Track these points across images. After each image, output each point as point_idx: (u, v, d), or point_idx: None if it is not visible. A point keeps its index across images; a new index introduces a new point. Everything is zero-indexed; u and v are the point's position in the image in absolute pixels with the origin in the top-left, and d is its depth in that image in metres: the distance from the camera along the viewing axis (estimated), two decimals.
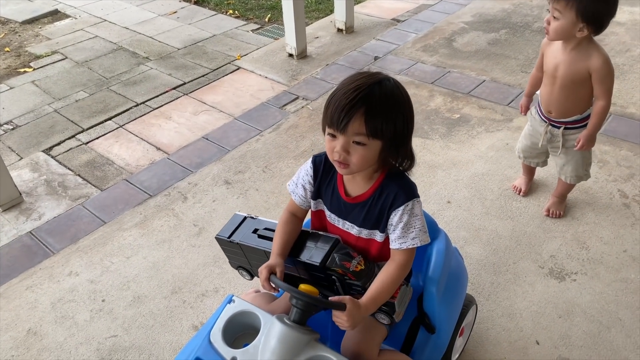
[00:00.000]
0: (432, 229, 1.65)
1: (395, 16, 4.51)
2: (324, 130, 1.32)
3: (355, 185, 1.38)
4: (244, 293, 1.65)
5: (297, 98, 3.43)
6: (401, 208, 1.32)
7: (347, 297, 1.28)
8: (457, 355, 1.78)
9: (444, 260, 1.58)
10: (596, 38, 1.93)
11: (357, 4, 4.76)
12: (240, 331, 1.45)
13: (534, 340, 1.86)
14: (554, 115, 2.12)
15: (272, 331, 1.34)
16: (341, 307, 1.28)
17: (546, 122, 2.17)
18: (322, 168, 1.43)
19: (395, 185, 1.34)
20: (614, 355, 1.80)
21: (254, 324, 1.41)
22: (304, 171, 1.46)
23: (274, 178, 2.72)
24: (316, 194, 1.45)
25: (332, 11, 4.45)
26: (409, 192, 1.34)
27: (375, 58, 3.85)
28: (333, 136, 1.25)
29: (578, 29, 1.85)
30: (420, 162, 2.78)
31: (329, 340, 1.60)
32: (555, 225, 2.34)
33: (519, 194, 2.50)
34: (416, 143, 2.93)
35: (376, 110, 1.20)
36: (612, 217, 2.35)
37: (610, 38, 3.84)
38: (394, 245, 1.35)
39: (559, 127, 2.13)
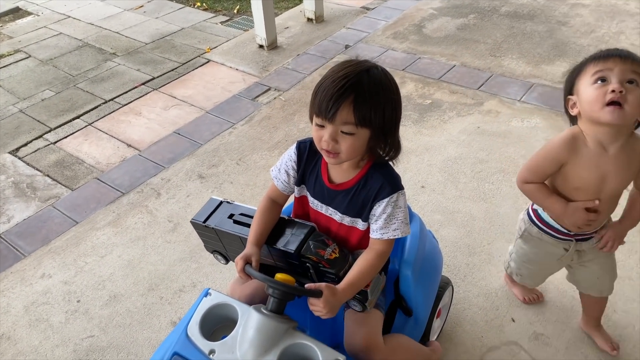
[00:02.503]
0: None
1: (365, 4, 4.51)
2: (311, 119, 1.31)
3: (340, 173, 1.38)
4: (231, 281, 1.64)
5: (269, 89, 3.41)
6: (386, 200, 1.32)
7: (324, 284, 1.28)
8: (435, 337, 1.80)
9: (419, 244, 1.60)
10: (562, 22, 1.87)
11: None
12: (219, 323, 1.45)
13: (509, 318, 1.90)
14: (588, 229, 1.52)
15: (250, 322, 1.33)
16: (317, 294, 1.29)
17: (571, 240, 1.57)
18: (307, 154, 1.42)
19: (380, 176, 1.33)
20: None
21: (232, 315, 1.40)
22: (288, 156, 1.44)
23: (248, 170, 2.71)
24: (300, 180, 1.45)
25: (301, 1, 4.42)
26: (395, 184, 1.34)
27: (346, 47, 3.84)
28: (321, 126, 1.24)
29: None
30: None
31: (308, 328, 1.60)
32: (528, 204, 2.37)
33: (538, 300, 1.94)
34: None
35: (364, 98, 1.19)
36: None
37: (575, 20, 3.91)
38: (374, 235, 1.35)
39: (588, 239, 1.56)
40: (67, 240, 2.38)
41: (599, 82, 1.31)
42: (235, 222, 1.51)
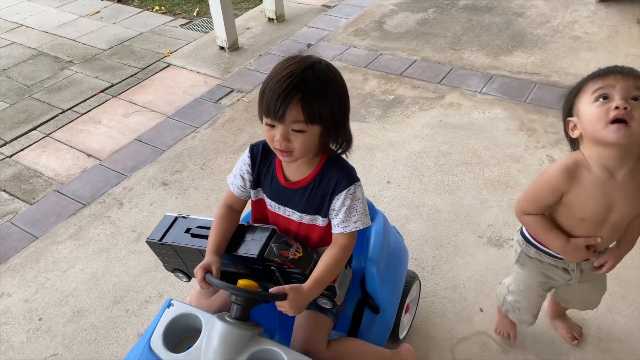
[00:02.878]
0: (370, 210, 1.65)
1: (325, 2, 4.50)
2: (261, 120, 1.30)
3: (295, 171, 1.37)
4: (192, 291, 1.61)
5: (231, 91, 3.37)
6: (343, 193, 1.32)
7: (287, 286, 1.28)
8: (405, 332, 1.81)
9: (383, 240, 1.60)
10: (519, 13, 1.81)
11: None
12: (183, 334, 1.42)
13: (477, 309, 1.92)
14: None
15: (214, 331, 1.31)
16: (282, 297, 1.28)
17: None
18: (260, 156, 1.42)
19: (336, 170, 1.34)
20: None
21: (196, 325, 1.37)
22: (242, 161, 1.44)
23: (213, 175, 2.67)
24: (255, 183, 1.44)
25: (261, 1, 4.39)
26: (351, 177, 1.35)
27: (308, 45, 3.83)
28: (272, 126, 1.24)
29: None
30: (359, 145, 2.80)
31: (277, 332, 1.59)
32: (491, 194, 2.41)
33: (508, 339, 1.80)
34: (354, 127, 2.89)
35: (312, 95, 1.19)
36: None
37: (531, 11, 3.99)
38: (336, 229, 1.36)
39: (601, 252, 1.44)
40: (26, 256, 2.30)
41: (601, 99, 1.20)
42: (193, 235, 1.47)
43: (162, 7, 4.77)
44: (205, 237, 1.43)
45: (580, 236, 1.35)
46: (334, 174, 1.33)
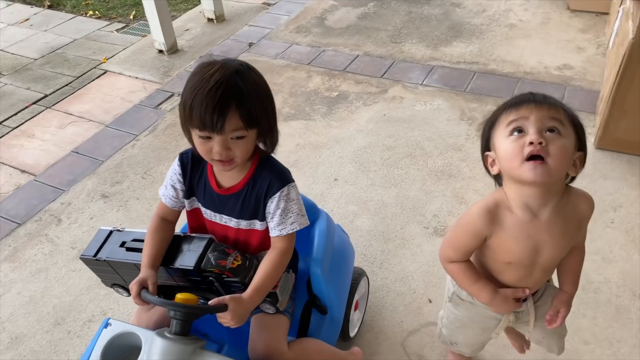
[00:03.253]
0: (312, 210, 1.65)
1: (265, 0, 4.45)
2: (187, 134, 1.26)
3: (228, 177, 1.35)
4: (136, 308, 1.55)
5: (172, 95, 3.28)
6: (277, 195, 1.31)
7: (227, 296, 1.24)
8: (356, 330, 1.81)
9: (326, 240, 1.59)
10: (456, 3, 1.73)
11: None
12: (123, 354, 1.36)
13: (426, 299, 1.95)
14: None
15: (153, 348, 1.26)
16: (222, 309, 1.24)
17: None
18: (190, 164, 1.37)
19: (268, 172, 1.32)
20: None
21: (136, 343, 1.32)
22: (172, 171, 1.40)
23: (155, 183, 2.59)
24: (189, 192, 1.40)
25: (200, 1, 4.29)
26: (283, 178, 1.33)
27: (250, 44, 3.77)
28: (207, 138, 1.19)
29: (572, 162, 1.12)
30: (305, 144, 2.78)
31: (227, 342, 1.55)
32: (435, 185, 2.45)
33: None
34: (299, 125, 2.93)
35: (246, 100, 1.18)
36: (484, 169, 2.50)
37: (468, 1, 4.07)
38: (273, 232, 1.34)
39: (525, 300, 1.33)
40: None
41: (515, 133, 1.09)
42: (128, 249, 1.42)
43: (97, 12, 4.59)
44: (141, 250, 1.38)
45: (508, 282, 1.27)
46: (266, 177, 1.31)
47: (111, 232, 1.48)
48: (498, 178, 1.22)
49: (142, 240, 1.41)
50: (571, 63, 3.24)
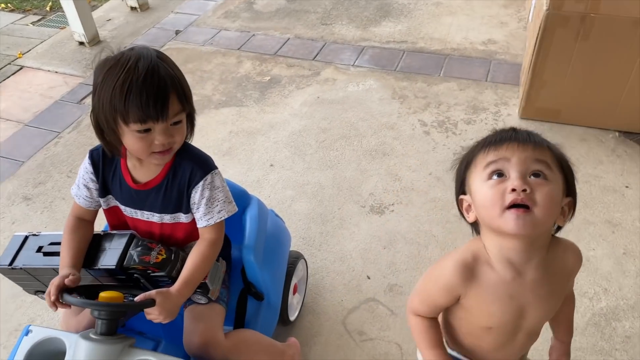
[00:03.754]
0: (243, 197, 1.62)
1: None
2: (113, 134, 1.19)
3: (144, 171, 1.29)
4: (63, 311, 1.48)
5: None
6: (200, 184, 1.27)
7: (154, 291, 1.20)
8: (296, 313, 1.81)
9: (258, 227, 1.57)
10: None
11: None
12: None
13: (365, 276, 1.97)
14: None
15: (78, 351, 1.21)
16: (149, 304, 1.20)
17: None
18: (102, 161, 1.30)
19: (189, 162, 1.28)
20: None
21: (61, 348, 1.26)
22: (84, 169, 1.32)
23: None
24: (103, 191, 1.33)
25: None
26: (206, 166, 1.29)
27: (177, 32, 3.65)
28: (146, 130, 1.14)
29: (561, 208, 0.95)
30: (239, 131, 2.73)
31: (163, 338, 1.51)
32: (370, 164, 2.47)
33: None
34: (232, 112, 2.87)
35: (178, 81, 1.17)
36: (417, 146, 2.56)
37: None
38: (200, 223, 1.30)
39: None
40: None
41: (495, 177, 0.92)
42: (46, 254, 1.34)
43: (9, 4, 4.29)
44: (59, 254, 1.31)
45: (486, 349, 1.09)
46: (187, 166, 1.27)
47: (26, 237, 1.39)
48: (475, 225, 1.03)
49: (60, 243, 1.33)
50: (495, 38, 3.35)
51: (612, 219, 2.12)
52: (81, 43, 3.55)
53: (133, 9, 3.97)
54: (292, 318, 1.76)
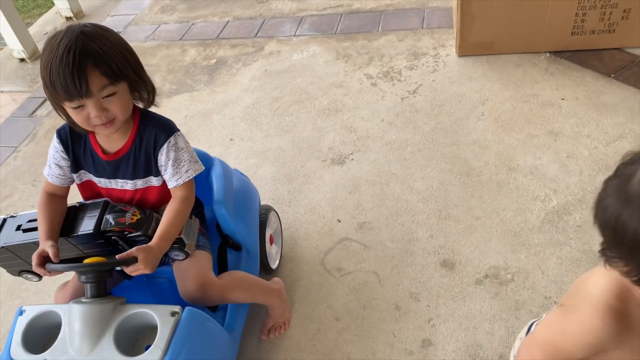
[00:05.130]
0: (205, 159, 1.70)
1: None
2: (58, 109, 1.26)
3: (112, 141, 1.36)
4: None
5: (45, 100, 3.11)
6: (165, 146, 1.34)
7: (134, 248, 1.27)
8: (277, 262, 1.90)
9: (225, 182, 1.65)
10: None
11: None
12: (48, 334, 1.36)
13: (335, 220, 2.08)
14: None
15: (73, 316, 1.28)
16: (132, 261, 1.27)
17: None
18: (70, 138, 1.37)
19: (151, 127, 1.35)
20: (397, 202, 2.10)
21: (57, 321, 1.33)
22: (53, 149, 1.39)
23: None
24: (75, 166, 1.39)
25: (53, 3, 4.06)
26: (168, 129, 1.36)
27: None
28: (80, 107, 1.20)
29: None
30: (193, 114, 2.79)
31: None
32: (325, 122, 2.57)
33: None
34: (184, 98, 2.92)
35: (100, 55, 1.18)
36: (366, 98, 2.67)
37: None
38: (171, 184, 1.37)
39: None
40: None
41: None
42: (25, 230, 1.41)
43: None
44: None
45: None
46: (151, 131, 1.34)
47: (4, 219, 1.45)
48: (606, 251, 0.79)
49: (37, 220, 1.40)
50: None
51: (553, 129, 2.29)
52: (22, 60, 3.52)
53: (68, 18, 3.94)
54: (273, 266, 1.86)
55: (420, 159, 2.26)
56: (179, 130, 1.39)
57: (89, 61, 1.16)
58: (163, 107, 2.89)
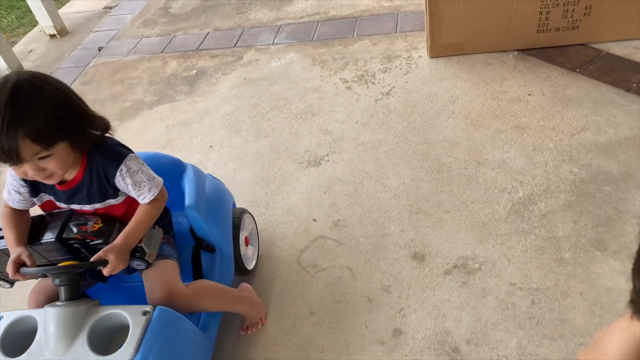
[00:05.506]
0: (178, 165, 1.76)
1: (106, 4, 4.37)
2: None
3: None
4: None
5: None
6: (117, 175, 1.36)
7: (102, 251, 1.32)
8: (253, 263, 1.95)
9: (196, 186, 1.70)
10: None
11: (63, 6, 4.50)
12: (27, 339, 1.40)
13: (311, 220, 2.14)
14: None
15: (47, 320, 1.33)
16: (103, 263, 1.33)
17: None
18: None
19: (99, 157, 1.35)
20: (370, 200, 2.16)
21: (34, 325, 1.37)
22: (11, 177, 1.39)
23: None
24: (34, 192, 1.42)
25: (37, 21, 4.13)
26: (116, 158, 1.36)
27: (100, 49, 3.73)
28: (17, 165, 1.19)
29: None
30: (174, 124, 2.86)
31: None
32: (302, 125, 2.64)
33: None
34: (165, 109, 2.99)
35: (33, 123, 1.13)
36: (341, 101, 2.74)
37: None
38: (141, 202, 1.42)
39: None
40: None
41: None
42: None
43: None
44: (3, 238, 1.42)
45: None
46: (100, 162, 1.35)
47: None
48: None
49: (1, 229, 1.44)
50: None
51: (520, 124, 2.36)
52: None
53: (52, 36, 4.02)
54: (249, 267, 1.91)
55: (393, 158, 2.33)
56: (130, 152, 1.40)
57: (19, 130, 1.11)
58: (145, 119, 2.98)
